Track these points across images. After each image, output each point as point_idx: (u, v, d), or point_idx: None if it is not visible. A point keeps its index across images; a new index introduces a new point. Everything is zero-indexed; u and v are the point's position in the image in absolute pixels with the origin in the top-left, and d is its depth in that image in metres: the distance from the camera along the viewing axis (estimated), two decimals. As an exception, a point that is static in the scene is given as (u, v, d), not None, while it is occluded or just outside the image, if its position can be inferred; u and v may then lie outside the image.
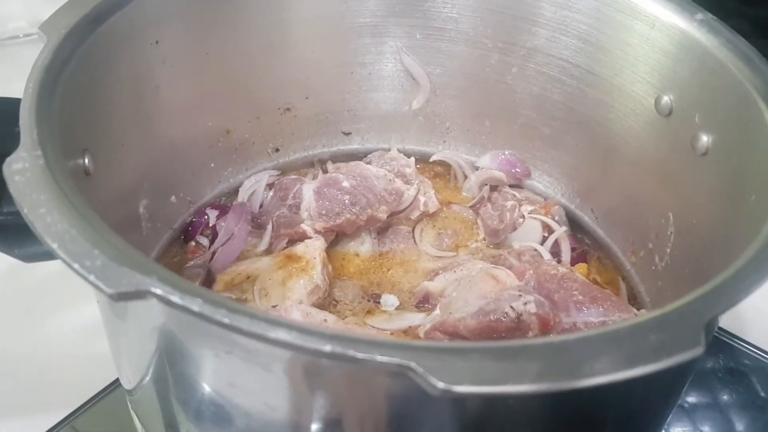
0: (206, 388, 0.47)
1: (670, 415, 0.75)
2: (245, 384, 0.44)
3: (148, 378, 0.52)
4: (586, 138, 0.80)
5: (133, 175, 0.69)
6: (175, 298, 0.37)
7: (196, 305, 0.37)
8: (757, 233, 0.47)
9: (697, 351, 0.36)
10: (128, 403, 0.67)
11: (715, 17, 0.66)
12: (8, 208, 0.51)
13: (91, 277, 0.38)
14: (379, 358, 0.35)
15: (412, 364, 0.35)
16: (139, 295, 0.38)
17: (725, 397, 0.78)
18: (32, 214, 0.41)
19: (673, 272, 0.70)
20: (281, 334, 0.36)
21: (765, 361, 0.82)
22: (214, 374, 0.46)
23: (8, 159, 0.45)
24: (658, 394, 0.51)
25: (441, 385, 0.34)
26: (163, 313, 0.44)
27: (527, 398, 0.41)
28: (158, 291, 0.38)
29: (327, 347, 0.35)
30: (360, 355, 0.35)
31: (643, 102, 0.72)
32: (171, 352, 0.47)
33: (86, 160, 0.56)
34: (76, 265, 0.39)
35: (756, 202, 0.53)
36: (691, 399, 0.78)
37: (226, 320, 0.36)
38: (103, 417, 0.73)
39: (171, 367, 0.48)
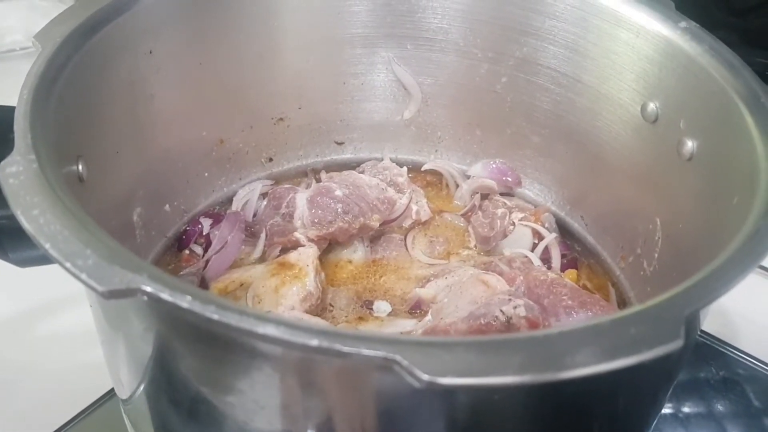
0: (199, 389, 0.47)
1: (665, 426, 0.75)
2: (236, 383, 0.45)
3: (144, 383, 0.52)
4: (574, 146, 0.81)
5: (128, 182, 0.70)
6: (165, 296, 0.38)
7: (185, 302, 0.38)
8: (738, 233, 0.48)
9: (677, 344, 0.37)
10: (123, 413, 0.67)
11: (698, 25, 0.67)
12: (2, 212, 0.52)
13: (83, 276, 0.39)
14: (365, 351, 0.36)
15: (398, 357, 0.35)
16: (130, 293, 0.38)
17: (719, 407, 0.79)
18: (25, 216, 0.42)
19: (661, 277, 0.71)
20: (269, 330, 0.37)
21: (758, 369, 0.83)
22: (207, 374, 0.46)
23: (2, 163, 0.46)
24: (642, 391, 0.51)
25: (426, 377, 0.35)
26: (154, 314, 0.44)
27: (512, 393, 0.42)
28: (148, 288, 0.38)
29: (314, 341, 0.36)
30: (346, 349, 0.36)
31: (629, 109, 0.73)
32: (165, 355, 0.48)
33: (80, 167, 0.57)
34: (68, 264, 0.39)
35: (738, 204, 0.54)
36: (686, 409, 0.78)
37: (215, 316, 0.37)
38: (96, 428, 0.73)
39: (165, 370, 0.49)
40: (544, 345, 0.37)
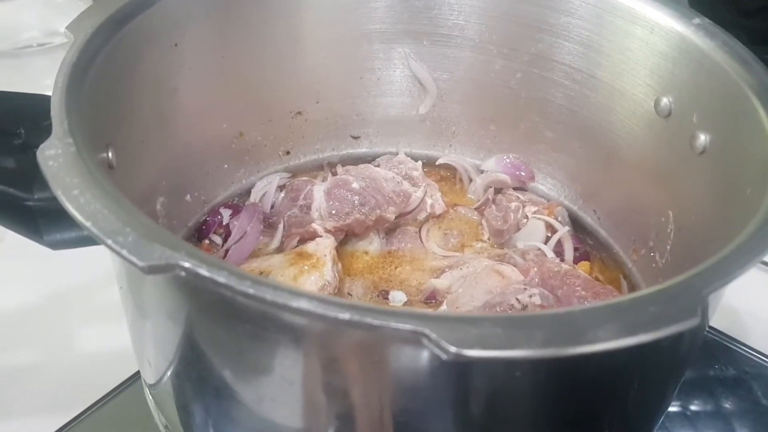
0: (229, 368, 0.49)
1: (673, 424, 0.76)
2: (266, 360, 0.46)
3: (173, 365, 0.53)
4: (588, 141, 0.82)
5: (152, 172, 0.71)
6: (203, 271, 0.40)
7: (222, 277, 0.39)
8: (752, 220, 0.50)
9: (694, 322, 0.38)
10: (149, 397, 0.69)
11: (711, 22, 0.68)
12: (39, 194, 0.54)
13: (124, 252, 0.40)
14: (394, 324, 0.37)
15: (426, 330, 0.37)
16: (169, 268, 0.40)
17: (727, 404, 0.79)
18: (66, 196, 0.44)
19: (673, 268, 0.72)
20: (303, 303, 0.38)
21: (767, 366, 0.83)
22: (237, 352, 0.48)
23: (42, 146, 0.47)
24: (656, 377, 0.53)
25: (453, 349, 0.36)
26: (189, 291, 0.46)
27: (533, 370, 0.43)
28: (187, 264, 0.40)
29: (346, 315, 0.38)
30: (377, 322, 0.37)
31: (643, 104, 0.74)
32: (196, 334, 0.49)
33: (110, 154, 0.58)
34: (109, 241, 0.41)
35: (751, 195, 0.56)
36: (694, 407, 0.79)
37: (251, 291, 0.39)
38: (119, 413, 0.74)
39: (196, 349, 0.50)
40: (566, 321, 0.39)
